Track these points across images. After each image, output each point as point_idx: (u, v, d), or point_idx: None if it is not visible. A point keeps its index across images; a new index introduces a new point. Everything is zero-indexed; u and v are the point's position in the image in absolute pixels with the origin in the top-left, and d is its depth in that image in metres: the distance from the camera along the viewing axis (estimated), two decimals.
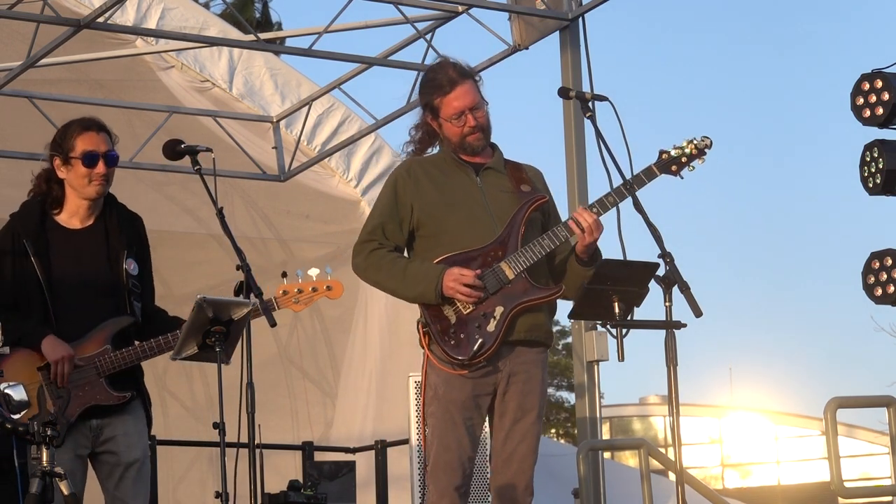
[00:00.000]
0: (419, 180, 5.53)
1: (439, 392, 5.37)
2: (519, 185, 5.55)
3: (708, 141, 5.49)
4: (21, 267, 5.76)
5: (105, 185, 5.82)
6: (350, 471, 9.44)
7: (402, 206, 5.51)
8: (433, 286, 5.32)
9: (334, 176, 10.51)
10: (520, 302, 5.37)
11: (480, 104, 5.55)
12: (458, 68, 5.60)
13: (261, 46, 9.63)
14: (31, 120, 9.68)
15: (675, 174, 5.45)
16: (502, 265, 5.37)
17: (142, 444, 5.83)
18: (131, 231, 5.92)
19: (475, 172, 5.54)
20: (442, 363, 5.35)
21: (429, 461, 5.38)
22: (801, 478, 39.15)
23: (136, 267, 5.87)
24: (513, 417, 5.40)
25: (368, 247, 5.51)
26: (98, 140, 5.81)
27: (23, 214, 5.88)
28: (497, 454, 5.44)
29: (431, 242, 5.48)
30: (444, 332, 5.35)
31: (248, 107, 10.26)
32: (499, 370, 5.38)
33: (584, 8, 8.92)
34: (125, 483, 5.75)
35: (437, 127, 5.57)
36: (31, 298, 5.74)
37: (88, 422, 5.72)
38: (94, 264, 5.81)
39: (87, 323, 5.75)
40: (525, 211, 5.47)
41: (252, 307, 5.54)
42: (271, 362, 10.91)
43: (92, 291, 5.78)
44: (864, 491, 9.71)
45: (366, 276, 5.55)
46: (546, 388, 5.58)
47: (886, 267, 6.86)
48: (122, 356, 5.74)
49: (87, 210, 5.85)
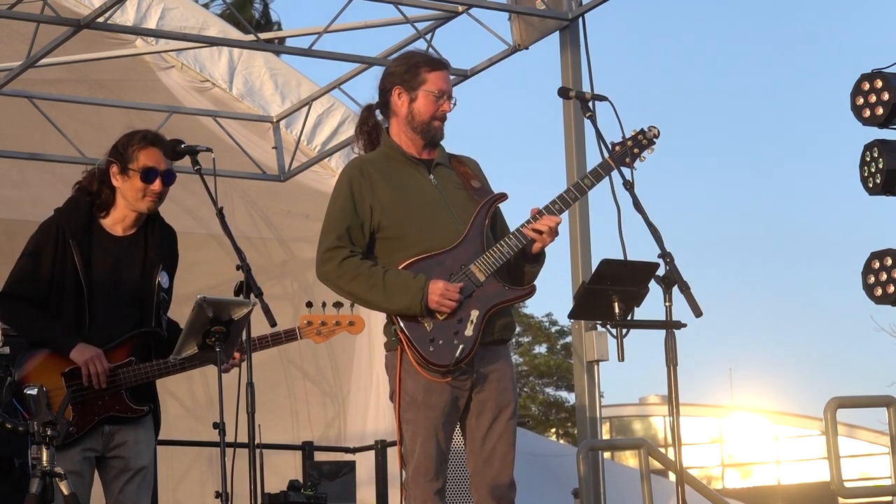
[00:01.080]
0: (373, 180, 5.41)
1: (418, 399, 5.29)
2: (469, 181, 5.50)
3: (656, 130, 5.53)
4: (62, 265, 5.74)
5: (158, 202, 5.85)
6: (350, 471, 9.44)
7: (360, 207, 5.38)
8: (418, 299, 5.23)
9: (334, 176, 10.49)
10: (495, 304, 5.33)
11: (452, 96, 5.52)
12: (437, 58, 5.64)
13: (261, 46, 9.64)
14: (31, 120, 9.69)
15: (629, 166, 5.44)
16: (472, 268, 5.32)
17: (149, 451, 5.86)
18: (168, 245, 5.94)
19: (427, 170, 5.48)
20: (425, 371, 5.27)
21: (408, 466, 5.33)
22: (801, 478, 39.16)
23: (167, 280, 5.89)
24: (491, 416, 5.36)
25: (339, 254, 5.33)
26: (160, 157, 5.82)
27: (69, 212, 5.84)
28: (476, 454, 5.38)
29: (394, 245, 5.37)
30: (422, 339, 5.27)
31: (248, 107, 10.26)
32: (474, 370, 5.34)
33: (584, 8, 8.92)
34: (130, 488, 5.77)
35: (408, 101, 5.45)
36: (65, 299, 5.73)
37: (101, 427, 5.73)
38: (129, 274, 5.81)
39: (114, 331, 5.75)
40: (487, 210, 5.42)
41: (252, 307, 5.53)
42: (271, 362, 10.90)
43: (123, 301, 5.78)
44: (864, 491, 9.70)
45: (338, 285, 5.37)
46: (516, 383, 5.57)
47: (886, 267, 6.86)
48: (146, 370, 5.76)
49: (132, 221, 5.87)
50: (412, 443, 5.31)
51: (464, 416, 5.40)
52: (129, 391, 5.75)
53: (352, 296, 5.42)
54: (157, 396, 5.92)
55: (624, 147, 5.45)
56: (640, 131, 5.52)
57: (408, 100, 5.46)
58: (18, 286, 5.78)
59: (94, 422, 5.69)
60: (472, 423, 5.40)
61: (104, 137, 6.54)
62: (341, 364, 11.02)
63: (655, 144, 5.53)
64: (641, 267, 5.18)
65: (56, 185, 10.06)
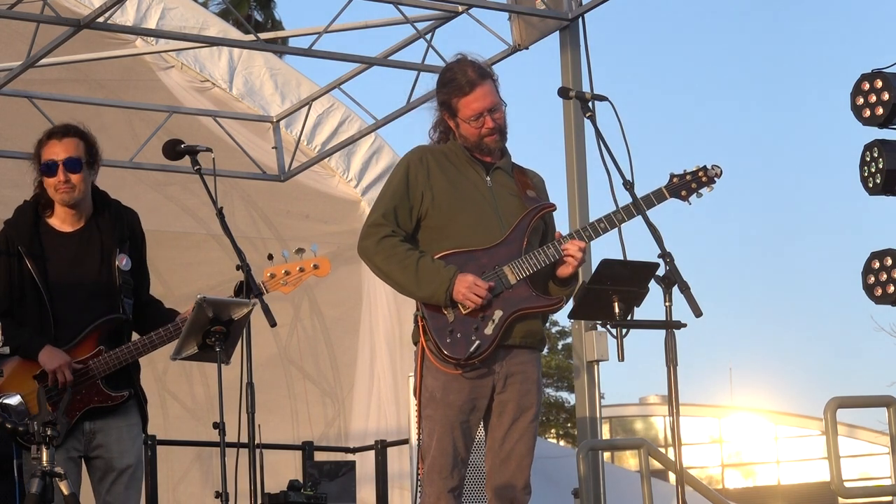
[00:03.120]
0: (431, 169, 5.46)
1: (437, 396, 5.33)
2: (525, 190, 5.52)
3: (718, 170, 5.50)
4: (17, 272, 5.75)
5: (70, 191, 5.79)
6: (350, 471, 9.44)
7: (413, 192, 5.42)
8: (444, 289, 5.27)
9: (334, 176, 10.51)
10: (519, 308, 5.35)
11: (499, 105, 5.51)
12: (478, 68, 5.56)
13: (261, 46, 9.63)
14: (31, 120, 9.67)
15: (684, 199, 5.47)
16: (505, 269, 5.35)
17: (135, 449, 5.81)
18: (123, 227, 5.89)
19: (486, 171, 5.51)
20: (438, 361, 5.31)
21: (424, 463, 5.36)
22: (801, 478, 39.16)
23: (128, 262, 5.85)
24: (511, 416, 5.39)
25: (381, 231, 5.37)
26: (59, 148, 5.78)
27: (16, 220, 5.88)
28: (494, 454, 5.41)
29: (437, 234, 5.41)
30: (441, 329, 5.31)
31: (248, 107, 10.26)
32: (495, 372, 5.36)
33: (584, 8, 8.92)
34: (116, 488, 5.75)
35: (454, 126, 5.51)
36: (27, 303, 5.74)
37: (81, 425, 5.71)
38: (87, 267, 5.80)
39: (83, 325, 5.75)
40: (532, 217, 5.44)
41: (252, 307, 5.53)
42: (271, 362, 10.92)
43: (86, 294, 5.77)
44: (864, 491, 9.70)
45: (373, 262, 5.40)
46: (542, 388, 5.57)
47: (886, 267, 6.86)
48: (117, 355, 5.73)
49: (73, 215, 5.85)
50: (429, 439, 5.35)
51: (486, 416, 5.43)
52: (105, 380, 5.72)
53: (384, 274, 5.42)
54: (136, 382, 5.87)
55: (683, 180, 5.46)
56: (702, 168, 5.50)
57: (454, 125, 5.52)
58: None
59: (76, 417, 5.67)
60: (493, 422, 5.42)
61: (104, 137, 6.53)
62: (341, 364, 11.03)
63: (716, 184, 5.50)
64: (641, 267, 5.18)
65: None
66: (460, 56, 5.68)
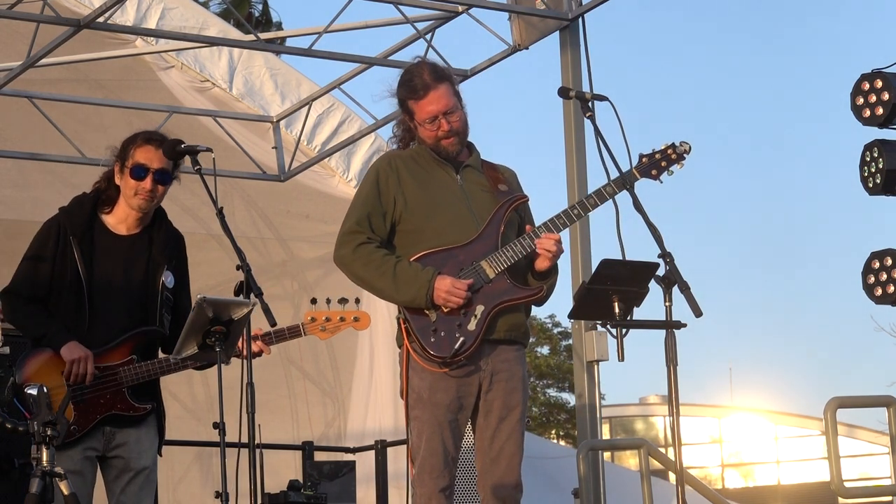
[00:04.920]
0: (401, 174, 5.48)
1: (424, 396, 5.34)
2: (496, 185, 5.54)
3: (687, 146, 5.52)
4: (62, 263, 5.75)
5: (150, 200, 5.84)
6: (350, 471, 9.44)
7: (384, 197, 5.45)
8: (424, 292, 5.29)
9: (334, 176, 10.51)
10: (501, 301, 5.37)
11: (455, 108, 5.51)
12: (435, 71, 5.57)
13: (261, 46, 9.63)
14: (31, 120, 9.69)
15: (654, 178, 5.47)
16: (483, 264, 5.37)
17: (152, 452, 5.86)
18: (174, 248, 5.96)
19: (455, 170, 5.53)
20: (424, 361, 5.32)
21: (415, 464, 5.38)
22: (801, 478, 39.18)
23: (172, 280, 5.91)
24: (498, 416, 5.40)
25: (356, 238, 5.41)
26: (154, 156, 5.82)
27: (72, 210, 5.87)
28: (484, 453, 5.42)
29: (413, 238, 5.43)
30: (424, 329, 5.32)
31: (248, 107, 10.26)
32: (481, 369, 5.37)
33: (584, 8, 8.92)
34: (131, 489, 5.77)
35: (413, 128, 5.55)
36: (65, 296, 5.73)
37: (102, 427, 5.73)
38: (133, 273, 5.82)
39: (117, 330, 5.76)
40: (505, 210, 5.47)
41: (252, 307, 5.53)
42: (271, 362, 10.87)
43: (126, 299, 5.79)
44: (864, 491, 9.70)
45: (351, 269, 5.44)
46: (528, 386, 5.58)
47: (886, 267, 6.86)
48: (147, 368, 5.76)
49: (135, 220, 5.88)
50: (418, 440, 5.36)
51: (474, 416, 5.44)
52: (131, 390, 5.75)
53: (363, 281, 5.46)
54: (160, 395, 5.92)
55: (652, 159, 5.46)
56: (670, 145, 5.51)
57: (413, 126, 5.56)
58: (20, 285, 5.81)
59: (95, 420, 5.69)
60: (480, 423, 5.43)
61: (104, 137, 6.54)
62: (341, 364, 11.03)
63: (685, 160, 5.51)
64: (641, 267, 5.18)
65: (56, 185, 10.07)
66: (419, 60, 5.73)
